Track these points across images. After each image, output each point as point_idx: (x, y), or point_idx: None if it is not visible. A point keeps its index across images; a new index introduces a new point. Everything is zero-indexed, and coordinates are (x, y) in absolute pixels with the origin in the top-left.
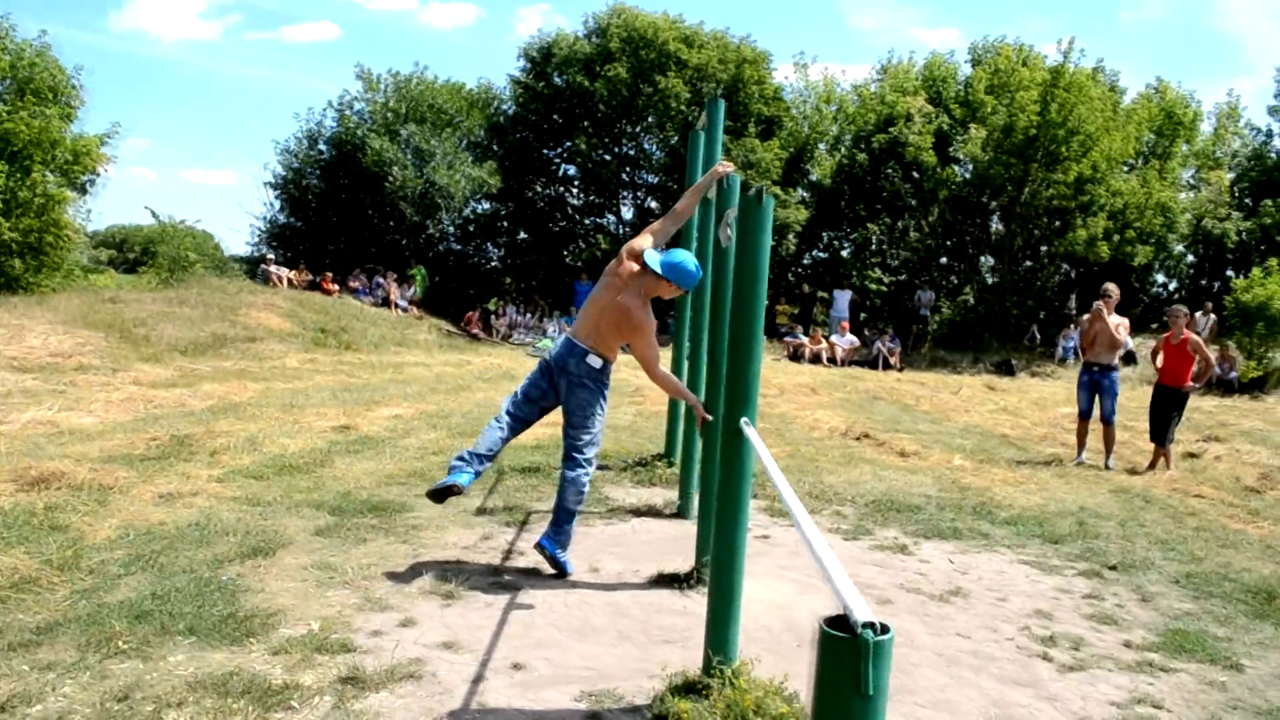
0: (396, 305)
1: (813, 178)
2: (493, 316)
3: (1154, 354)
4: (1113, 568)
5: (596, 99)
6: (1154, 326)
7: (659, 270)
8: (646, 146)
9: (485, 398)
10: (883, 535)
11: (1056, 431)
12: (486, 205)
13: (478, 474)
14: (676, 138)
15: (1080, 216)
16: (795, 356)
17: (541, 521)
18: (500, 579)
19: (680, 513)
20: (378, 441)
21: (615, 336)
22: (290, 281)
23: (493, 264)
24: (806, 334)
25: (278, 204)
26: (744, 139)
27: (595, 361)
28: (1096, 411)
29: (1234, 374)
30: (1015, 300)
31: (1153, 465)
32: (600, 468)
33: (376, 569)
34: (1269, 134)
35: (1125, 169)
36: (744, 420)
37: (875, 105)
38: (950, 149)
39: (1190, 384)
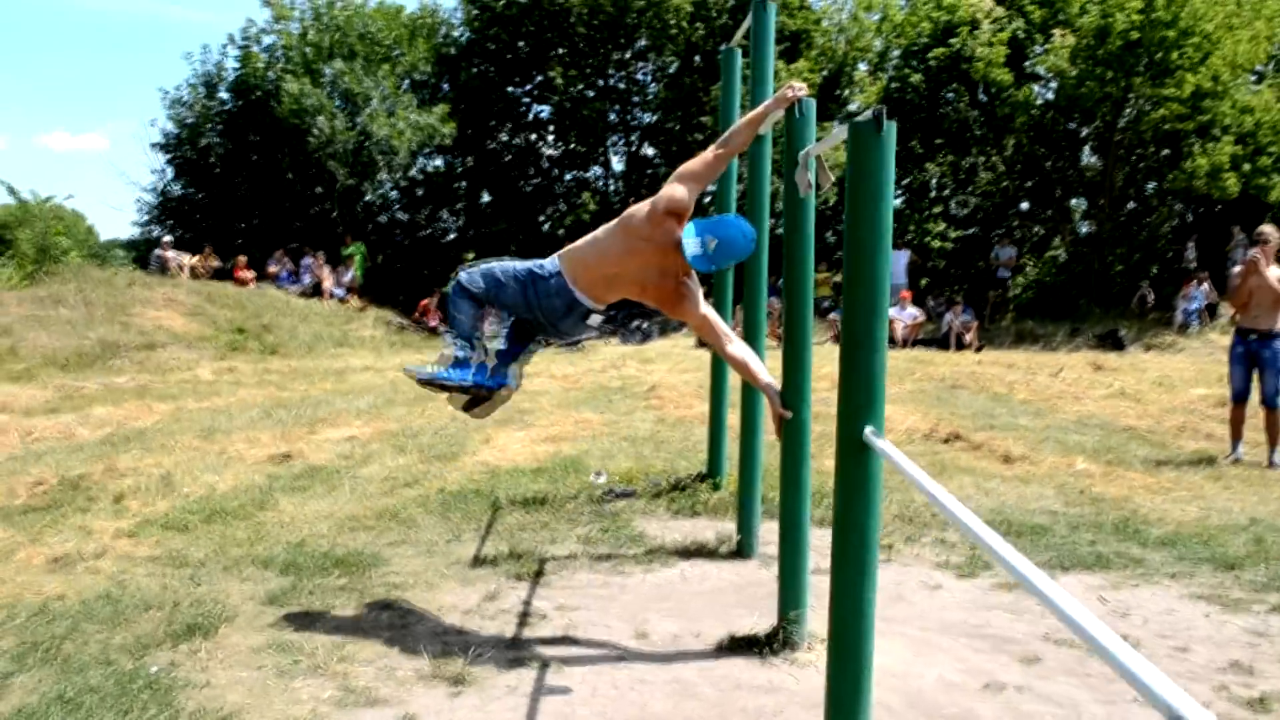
0: (331, 294)
1: (853, 107)
2: None
3: None
4: None
5: (573, 18)
6: None
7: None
8: (640, 77)
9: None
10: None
11: (1195, 419)
12: (439, 161)
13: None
14: (677, 64)
15: (1199, 142)
16: None
17: (561, 570)
18: (520, 652)
19: (741, 551)
20: (330, 473)
21: (636, 297)
22: (193, 270)
23: (450, 236)
24: None
25: (169, 171)
26: None
27: (596, 321)
28: (1255, 394)
29: None
30: (1119, 254)
31: None
32: (623, 495)
33: (354, 647)
34: None
35: (1255, 79)
36: (869, 430)
37: (930, 11)
38: (1027, 63)
39: None
